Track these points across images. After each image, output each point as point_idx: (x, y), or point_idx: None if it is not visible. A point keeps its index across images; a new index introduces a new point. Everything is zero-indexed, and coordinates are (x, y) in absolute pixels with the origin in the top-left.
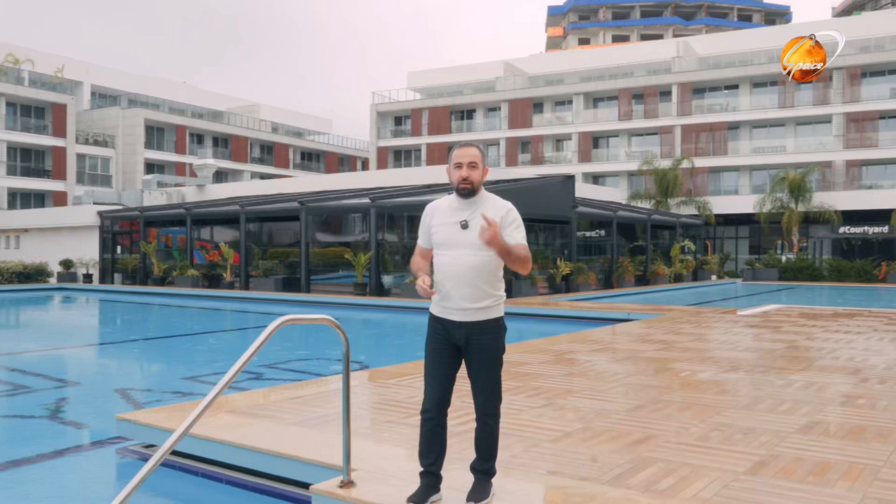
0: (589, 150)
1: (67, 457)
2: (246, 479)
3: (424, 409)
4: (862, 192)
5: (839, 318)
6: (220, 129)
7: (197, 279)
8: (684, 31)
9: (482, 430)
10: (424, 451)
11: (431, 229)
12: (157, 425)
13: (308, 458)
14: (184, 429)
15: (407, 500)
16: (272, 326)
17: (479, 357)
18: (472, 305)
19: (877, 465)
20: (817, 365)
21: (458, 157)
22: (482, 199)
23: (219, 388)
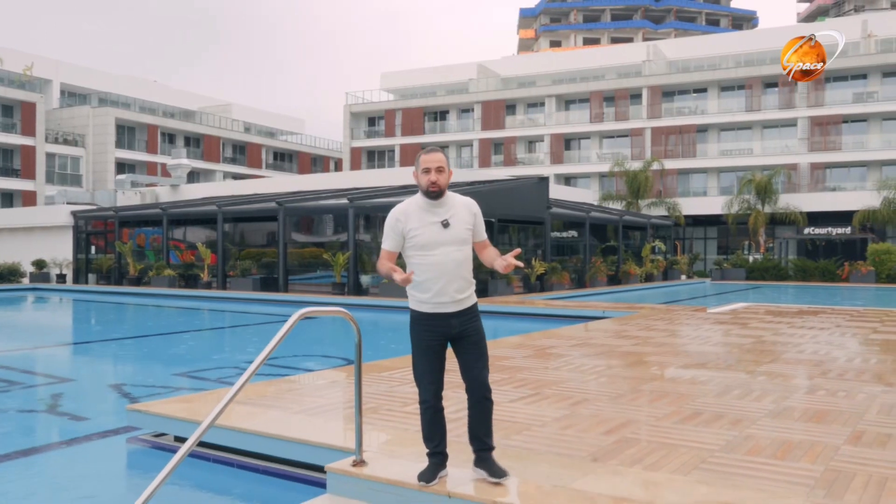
0: (561, 152)
1: (77, 447)
2: (256, 464)
3: (423, 399)
4: (826, 194)
5: (804, 316)
6: (192, 129)
7: (173, 279)
8: (654, 35)
9: (484, 412)
10: (429, 435)
11: (410, 233)
12: (171, 415)
13: (319, 441)
14: (211, 419)
15: (418, 479)
16: (293, 319)
17: (474, 339)
18: (462, 296)
19: (837, 444)
20: (783, 358)
21: (425, 162)
22: (447, 198)
23: (244, 378)
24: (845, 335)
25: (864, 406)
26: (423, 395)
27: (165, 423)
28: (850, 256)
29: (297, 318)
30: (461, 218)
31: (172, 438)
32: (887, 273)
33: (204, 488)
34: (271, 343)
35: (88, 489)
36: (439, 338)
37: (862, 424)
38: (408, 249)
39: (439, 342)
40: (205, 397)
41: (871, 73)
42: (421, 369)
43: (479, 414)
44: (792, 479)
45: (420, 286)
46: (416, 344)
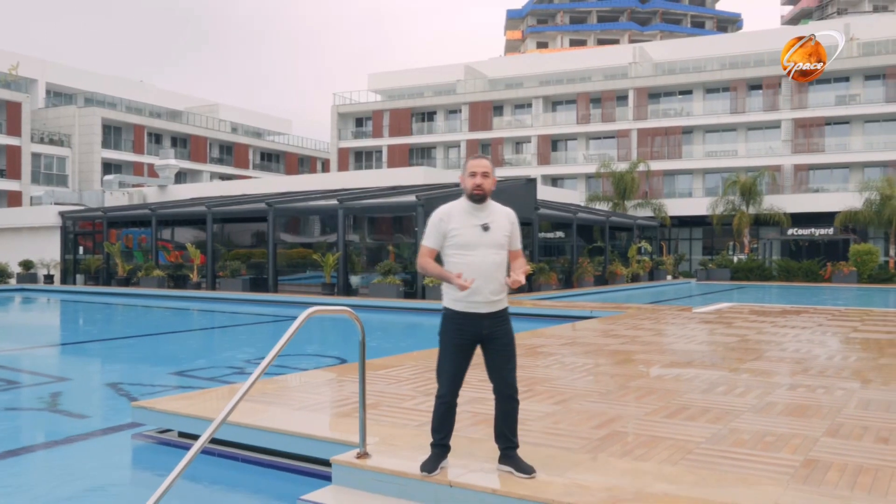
0: (548, 153)
1: (84, 443)
2: (260, 458)
3: (441, 393)
4: (809, 196)
5: (787, 315)
6: (179, 129)
7: (162, 280)
8: (640, 37)
9: (512, 412)
10: (438, 427)
11: (451, 232)
12: (176, 411)
13: (323, 436)
14: (224, 415)
15: (420, 468)
16: (301, 318)
17: (504, 341)
18: (496, 297)
19: (816, 436)
20: (767, 356)
21: (472, 167)
22: (490, 204)
23: (255, 376)
24: (826, 334)
25: (842, 401)
26: (442, 389)
27: (171, 420)
28: (832, 257)
29: (305, 317)
30: (500, 224)
31: (177, 434)
32: (869, 273)
33: (211, 482)
34: (281, 341)
35: (100, 481)
36: (470, 337)
37: (840, 418)
38: (447, 248)
39: (469, 341)
40: (208, 394)
41: (853, 75)
42: (446, 366)
43: (506, 414)
44: (773, 469)
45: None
46: (446, 341)
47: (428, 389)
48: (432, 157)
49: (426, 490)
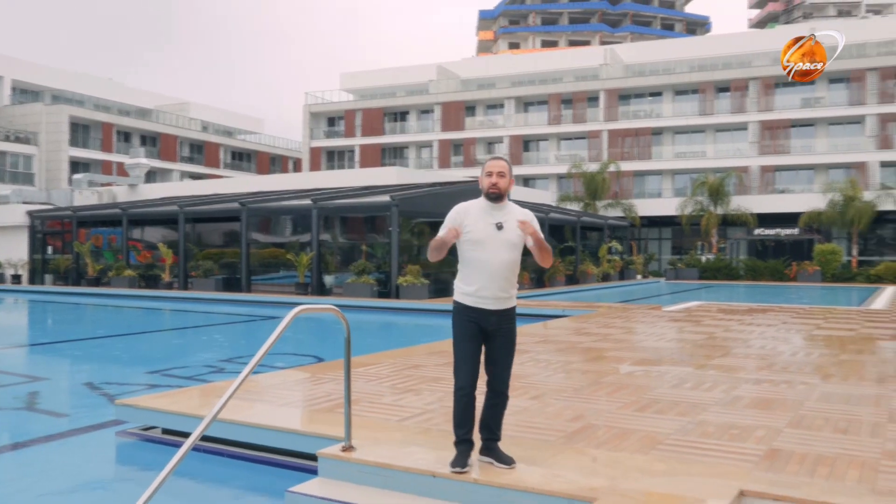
0: (520, 153)
1: (66, 440)
2: (245, 453)
3: (460, 386)
4: (775, 196)
5: (753, 314)
6: (149, 128)
7: (134, 280)
8: (610, 38)
9: (499, 406)
10: (461, 422)
11: (466, 227)
12: (160, 408)
13: (308, 431)
14: (215, 412)
15: (450, 466)
16: (290, 315)
17: (506, 340)
18: (504, 295)
19: (779, 427)
20: (733, 353)
21: (489, 167)
22: (507, 205)
23: (245, 372)
24: (790, 331)
25: (804, 395)
26: (461, 381)
27: (155, 417)
28: (797, 256)
29: (293, 315)
30: (513, 223)
31: (161, 432)
32: (832, 272)
33: (199, 477)
34: (269, 339)
35: (89, 477)
36: (478, 330)
37: (802, 411)
38: (462, 243)
39: (478, 334)
40: (191, 392)
41: (818, 79)
42: (461, 356)
43: (495, 407)
44: (739, 457)
45: (467, 278)
46: (458, 333)
47: (408, 386)
48: (405, 157)
49: (411, 481)
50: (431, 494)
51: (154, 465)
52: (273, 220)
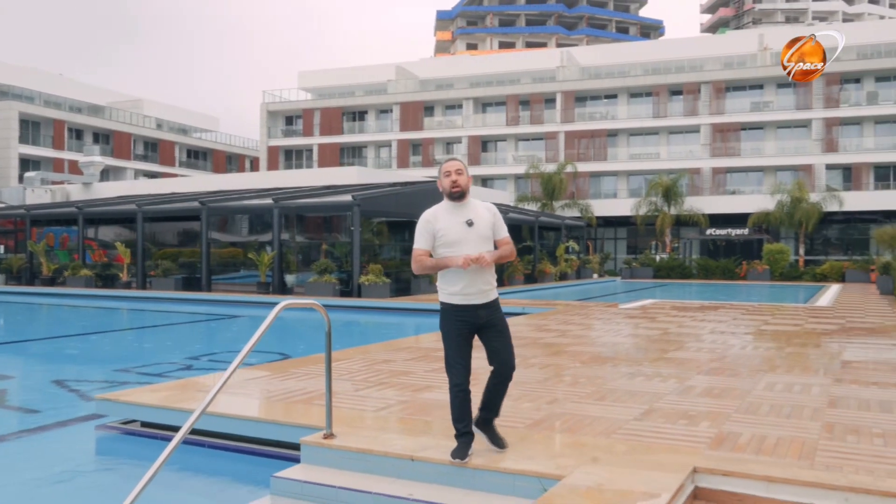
0: (478, 154)
1: (45, 434)
2: (224, 443)
3: (455, 383)
4: (726, 198)
5: (705, 311)
6: (102, 125)
7: (90, 279)
8: (566, 41)
9: (503, 389)
10: (460, 417)
11: (439, 232)
12: (142, 402)
13: (290, 421)
14: (204, 406)
15: (451, 456)
16: (276, 310)
17: (500, 328)
18: (487, 287)
19: (729, 413)
20: (686, 346)
21: (446, 168)
22: (470, 202)
23: (232, 367)
24: (740, 327)
25: (752, 385)
26: (455, 379)
27: (136, 411)
28: (747, 256)
29: (279, 309)
30: (482, 217)
31: (139, 425)
32: (780, 271)
33: (185, 468)
34: (256, 334)
35: (74, 468)
36: (469, 327)
37: (749, 398)
38: (438, 248)
39: (469, 330)
40: (170, 387)
41: (766, 83)
42: (452, 356)
43: (500, 389)
44: (692, 439)
45: (450, 280)
46: (448, 333)
47: (380, 379)
48: (363, 157)
49: (390, 465)
50: (409, 477)
51: (136, 457)
52: (230, 219)
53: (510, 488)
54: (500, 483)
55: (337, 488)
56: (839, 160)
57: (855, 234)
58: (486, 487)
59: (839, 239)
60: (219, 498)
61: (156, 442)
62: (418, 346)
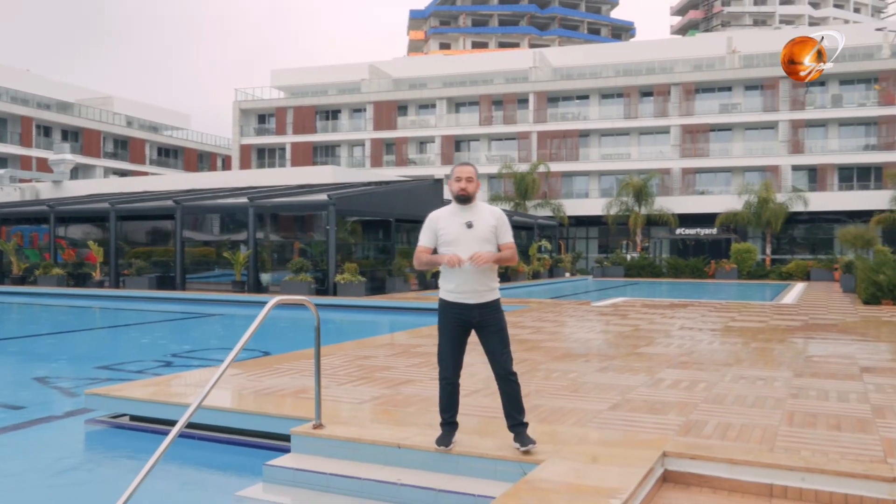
0: (451, 153)
1: (36, 427)
2: (215, 435)
3: (444, 376)
4: (695, 198)
5: (675, 308)
6: (71, 122)
7: (62, 278)
8: (539, 41)
9: (510, 388)
10: (446, 407)
11: (440, 231)
12: (132, 397)
13: (280, 413)
14: (200, 399)
15: (436, 443)
16: (269, 306)
17: (495, 329)
18: (482, 288)
19: (696, 403)
20: (657, 342)
21: (458, 173)
22: (476, 205)
23: (227, 362)
24: (708, 323)
25: (718, 377)
26: (444, 372)
27: (127, 405)
28: (715, 255)
29: (271, 306)
30: (484, 220)
31: (129, 419)
32: (748, 270)
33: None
34: (249, 330)
35: (68, 461)
36: (462, 324)
37: (716, 389)
38: (439, 246)
39: (461, 328)
40: (159, 381)
41: (735, 85)
42: (443, 350)
43: (506, 394)
44: (662, 426)
45: (446, 277)
46: (441, 328)
47: (362, 374)
48: (336, 156)
49: (377, 452)
50: (396, 463)
51: (127, 450)
52: (202, 218)
53: (492, 473)
54: (483, 468)
55: (328, 475)
56: (805, 161)
57: (820, 234)
58: (469, 472)
59: (804, 238)
60: (211, 487)
61: (145, 435)
62: (397, 342)
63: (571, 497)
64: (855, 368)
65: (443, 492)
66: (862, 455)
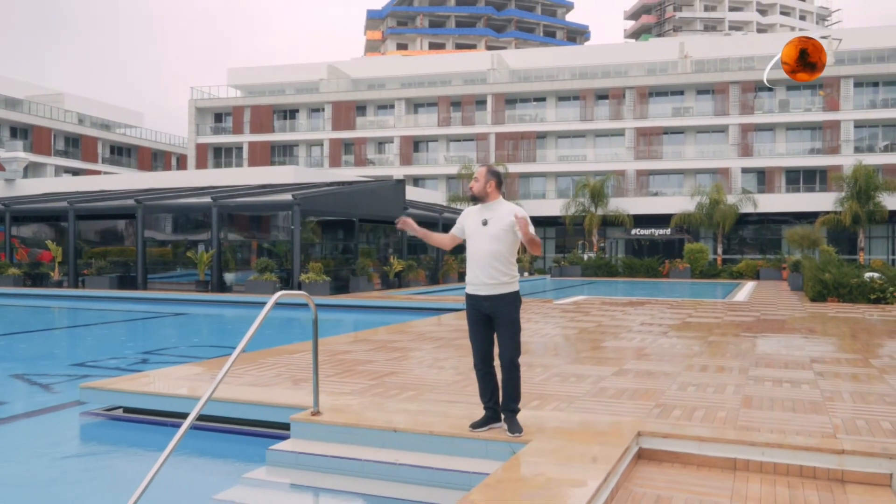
0: (410, 154)
1: (32, 419)
2: (212, 425)
3: (474, 363)
4: (649, 199)
5: (633, 305)
6: (19, 119)
7: (18, 278)
8: (496, 43)
9: (508, 377)
10: (482, 393)
11: (465, 225)
12: (128, 390)
13: (279, 402)
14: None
15: (469, 426)
16: (272, 300)
17: (504, 321)
18: (491, 281)
19: (664, 390)
20: (621, 336)
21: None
22: (498, 204)
23: (234, 356)
24: (666, 319)
25: (681, 367)
26: (474, 359)
27: (123, 398)
28: (669, 255)
29: (275, 300)
30: (501, 218)
31: (122, 411)
32: (700, 269)
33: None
34: (254, 325)
35: (68, 451)
36: (478, 314)
37: (680, 378)
38: (466, 238)
39: (481, 317)
40: (151, 375)
41: (687, 90)
42: (471, 338)
43: (505, 379)
44: (635, 409)
45: (467, 270)
46: (467, 318)
47: (345, 368)
48: (294, 156)
49: (373, 436)
50: (391, 446)
51: (124, 440)
52: (162, 217)
53: (484, 452)
54: (475, 448)
55: (329, 457)
56: (754, 164)
57: (768, 235)
58: (462, 453)
59: (754, 239)
60: (217, 472)
61: (140, 426)
62: (374, 338)
63: (563, 470)
64: (805, 359)
65: (439, 470)
66: (814, 432)
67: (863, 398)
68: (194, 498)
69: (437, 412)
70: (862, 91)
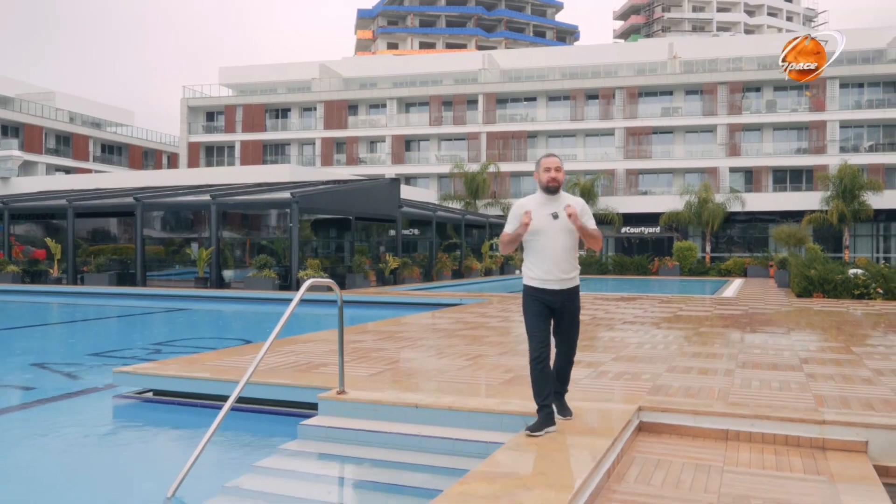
0: (402, 153)
1: (63, 402)
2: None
3: (534, 357)
4: (639, 198)
5: (626, 301)
6: (10, 117)
7: (17, 276)
8: (486, 43)
9: (567, 364)
10: (539, 390)
11: (533, 220)
12: (160, 374)
13: (304, 384)
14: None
15: (525, 430)
16: (304, 287)
17: (570, 316)
18: (566, 276)
19: (659, 373)
20: (616, 328)
21: (546, 163)
22: (561, 195)
23: (269, 341)
24: (658, 313)
25: (675, 354)
26: (535, 353)
27: (156, 381)
28: (659, 253)
29: (306, 287)
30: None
31: (152, 394)
32: (689, 267)
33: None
34: (286, 313)
35: (108, 429)
36: (545, 307)
37: (674, 363)
38: (526, 234)
39: (545, 311)
40: (180, 361)
41: (676, 90)
42: (533, 332)
43: (563, 368)
44: (633, 390)
45: (533, 264)
46: (528, 311)
47: (359, 354)
48: (286, 155)
49: (397, 412)
50: (413, 421)
51: (158, 421)
52: (159, 215)
53: (498, 425)
54: (491, 421)
55: (356, 430)
56: (741, 164)
57: (755, 233)
58: (479, 426)
59: (741, 237)
60: (253, 446)
61: (170, 407)
62: (380, 329)
63: (573, 438)
64: (792, 348)
65: (459, 440)
66: (798, 406)
67: (844, 379)
68: (236, 466)
69: (453, 391)
70: (847, 92)
